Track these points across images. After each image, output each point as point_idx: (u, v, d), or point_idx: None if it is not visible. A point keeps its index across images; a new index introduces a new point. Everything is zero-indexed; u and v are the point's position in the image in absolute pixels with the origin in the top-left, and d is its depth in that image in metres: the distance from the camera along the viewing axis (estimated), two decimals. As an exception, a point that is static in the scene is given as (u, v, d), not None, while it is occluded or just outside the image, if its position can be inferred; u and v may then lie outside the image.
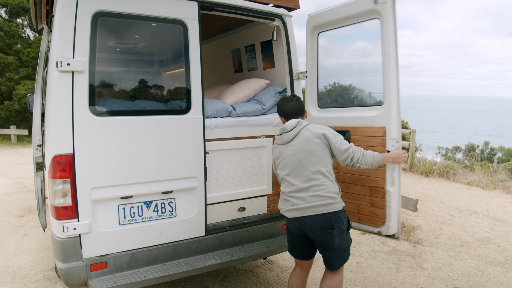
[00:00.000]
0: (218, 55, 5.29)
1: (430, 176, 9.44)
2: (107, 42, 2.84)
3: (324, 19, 3.35)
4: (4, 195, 7.15)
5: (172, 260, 3.12)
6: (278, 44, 3.81)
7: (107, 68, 2.97)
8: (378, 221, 3.13)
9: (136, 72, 3.37)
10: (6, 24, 15.05)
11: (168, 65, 3.42)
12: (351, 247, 4.53)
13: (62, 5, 2.58)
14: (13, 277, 3.93)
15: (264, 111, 3.67)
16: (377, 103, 3.31)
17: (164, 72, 3.42)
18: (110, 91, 3.03)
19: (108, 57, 2.95)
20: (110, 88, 3.03)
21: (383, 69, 3.00)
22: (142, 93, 3.28)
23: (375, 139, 3.10)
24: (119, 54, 3.10)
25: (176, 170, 3.05)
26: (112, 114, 2.79)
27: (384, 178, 3.04)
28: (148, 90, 3.30)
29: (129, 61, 3.25)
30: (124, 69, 3.25)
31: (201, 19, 4.16)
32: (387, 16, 2.88)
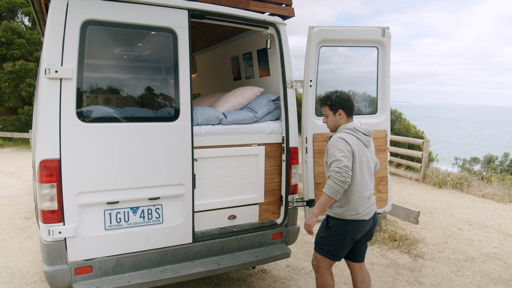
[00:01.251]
0: (218, 63, 5.32)
1: (443, 187, 9.17)
2: (95, 50, 2.90)
3: (331, 36, 3.58)
4: (15, 197, 7.36)
5: (158, 267, 3.13)
6: (272, 52, 3.81)
7: (95, 76, 3.03)
8: (383, 203, 3.88)
9: (125, 80, 3.42)
10: (28, 31, 15.65)
11: (158, 73, 3.47)
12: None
13: (52, 14, 2.66)
14: (11, 278, 4.02)
15: (256, 119, 3.66)
16: (371, 112, 3.96)
17: (154, 80, 3.46)
18: (98, 98, 3.08)
19: (97, 65, 3.00)
20: (98, 95, 3.09)
21: (380, 86, 3.86)
22: (130, 100, 3.32)
23: (379, 140, 3.82)
24: (108, 62, 3.16)
25: (164, 176, 3.07)
26: (99, 120, 2.84)
27: (386, 169, 3.86)
28: (137, 97, 3.35)
29: (118, 68, 3.30)
30: (113, 76, 3.31)
31: (198, 27, 4.23)
32: (387, 46, 3.76)
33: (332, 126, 3.01)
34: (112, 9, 2.81)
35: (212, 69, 5.65)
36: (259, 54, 4.17)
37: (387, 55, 3.77)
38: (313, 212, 2.82)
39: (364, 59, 3.97)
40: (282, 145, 3.67)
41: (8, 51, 15.05)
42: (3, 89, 15.10)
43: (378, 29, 3.73)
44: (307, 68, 3.57)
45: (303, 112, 3.63)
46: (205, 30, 4.37)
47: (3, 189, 7.99)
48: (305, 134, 3.64)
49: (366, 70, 3.97)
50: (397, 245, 5.01)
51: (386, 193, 3.89)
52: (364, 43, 3.74)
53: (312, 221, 2.83)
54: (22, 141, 15.46)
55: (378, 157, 3.79)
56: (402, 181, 9.83)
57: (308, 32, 3.56)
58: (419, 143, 10.34)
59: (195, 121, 3.36)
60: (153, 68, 3.53)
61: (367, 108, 3.99)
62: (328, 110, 2.97)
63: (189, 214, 3.20)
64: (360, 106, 4.03)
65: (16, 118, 15.97)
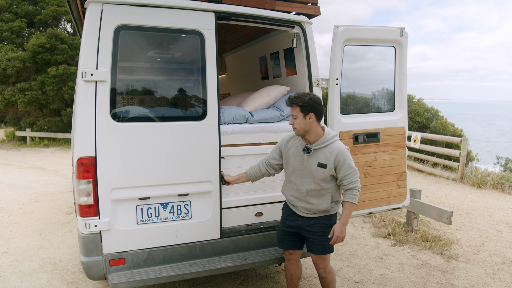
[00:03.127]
0: (247, 63, 5.41)
1: (482, 187, 8.77)
2: (128, 53, 3.06)
3: (354, 35, 3.63)
4: (58, 194, 7.82)
5: (186, 260, 3.25)
6: (298, 51, 3.83)
7: (128, 77, 3.19)
8: (402, 197, 3.99)
9: (155, 81, 3.57)
10: (70, 37, 16.51)
11: (186, 74, 3.59)
12: (378, 259, 4.41)
13: (88, 20, 2.83)
14: (53, 268, 4.30)
15: (282, 117, 3.69)
16: (389, 109, 3.99)
17: (183, 81, 3.58)
18: (131, 98, 3.24)
19: (129, 67, 3.16)
20: (131, 95, 3.24)
21: (398, 84, 3.96)
22: (161, 100, 3.46)
23: (398, 137, 3.92)
24: (140, 64, 3.31)
25: (192, 174, 3.18)
26: (131, 120, 2.99)
27: (405, 165, 3.96)
28: (167, 97, 3.48)
29: (149, 70, 3.45)
30: (144, 78, 3.46)
31: (226, 28, 4.33)
32: (404, 46, 3.86)
33: (301, 129, 2.85)
34: (142, 14, 2.95)
35: (241, 69, 5.74)
36: (286, 53, 4.21)
37: (404, 54, 3.89)
38: (344, 222, 2.86)
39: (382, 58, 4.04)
40: (309, 143, 3.68)
41: (52, 56, 15.96)
42: (47, 92, 16.03)
43: (396, 29, 3.81)
44: (333, 66, 3.57)
45: (329, 110, 3.63)
46: (233, 31, 4.46)
47: (47, 186, 8.51)
48: (331, 132, 3.64)
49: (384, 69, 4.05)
50: (429, 246, 4.88)
51: (405, 188, 3.99)
52: (383, 43, 3.84)
53: (344, 232, 2.87)
54: (65, 141, 16.33)
55: (397, 154, 3.92)
56: (439, 181, 9.50)
57: (334, 31, 3.57)
58: (456, 141, 9.93)
59: (222, 120, 3.45)
60: (182, 69, 3.65)
61: (386, 106, 4.04)
62: (298, 111, 2.81)
63: (217, 210, 3.29)
64: (380, 104, 4.06)
65: (60, 119, 16.90)
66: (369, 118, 3.86)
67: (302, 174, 2.92)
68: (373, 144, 3.83)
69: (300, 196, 2.96)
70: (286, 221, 3.13)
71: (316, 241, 2.98)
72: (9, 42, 17.44)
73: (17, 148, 15.95)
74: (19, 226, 5.81)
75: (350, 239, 5.19)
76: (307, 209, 2.96)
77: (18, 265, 4.38)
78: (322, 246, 2.99)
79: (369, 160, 3.84)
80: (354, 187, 2.85)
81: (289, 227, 3.10)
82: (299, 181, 2.95)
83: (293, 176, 2.98)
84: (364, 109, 4.02)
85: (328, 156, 2.82)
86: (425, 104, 15.86)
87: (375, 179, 3.88)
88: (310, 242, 3.02)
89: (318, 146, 2.86)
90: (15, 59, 15.74)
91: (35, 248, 4.91)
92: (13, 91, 15.85)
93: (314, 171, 2.86)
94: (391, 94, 4.02)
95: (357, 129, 3.74)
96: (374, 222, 5.80)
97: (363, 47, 3.86)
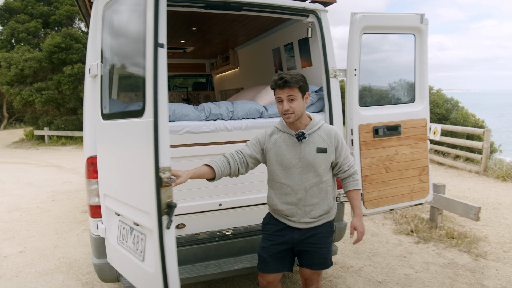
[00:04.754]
0: (260, 56, 5.25)
1: (507, 180, 8.41)
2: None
3: (372, 23, 3.42)
4: (75, 192, 7.85)
5: (201, 262, 3.14)
6: (314, 41, 3.66)
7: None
8: (425, 193, 3.78)
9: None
10: (84, 36, 16.63)
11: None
12: (402, 257, 4.22)
13: (93, 17, 2.74)
14: (68, 268, 4.27)
15: (298, 111, 3.52)
16: (410, 100, 3.79)
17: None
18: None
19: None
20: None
21: (418, 74, 3.74)
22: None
23: (419, 129, 3.71)
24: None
25: (135, 195, 2.32)
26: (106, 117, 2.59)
27: (427, 158, 3.76)
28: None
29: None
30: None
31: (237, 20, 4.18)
32: (425, 33, 3.65)
33: (299, 113, 2.40)
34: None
35: (254, 62, 5.59)
36: (301, 44, 4.03)
37: (425, 42, 3.68)
38: (361, 214, 2.54)
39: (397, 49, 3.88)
40: (326, 137, 3.51)
41: (67, 55, 16.11)
42: (64, 91, 16.21)
43: (416, 16, 3.59)
44: (350, 56, 3.40)
45: (347, 102, 3.46)
46: (245, 22, 4.30)
47: (64, 185, 8.57)
48: (350, 126, 3.47)
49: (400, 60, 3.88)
50: (455, 243, 4.65)
51: (427, 183, 3.76)
52: (403, 30, 3.64)
53: (364, 226, 2.55)
54: (81, 139, 16.52)
55: (419, 147, 3.71)
56: (461, 173, 9.16)
57: (351, 19, 3.39)
58: (479, 132, 9.55)
59: (235, 115, 3.31)
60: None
61: (406, 97, 3.85)
62: (297, 92, 2.37)
63: (158, 262, 2.05)
64: (400, 95, 3.88)
65: (76, 118, 17.11)
66: (389, 110, 3.68)
67: (299, 170, 2.44)
68: (394, 137, 3.64)
69: (298, 201, 2.47)
70: (275, 238, 2.57)
71: (317, 254, 2.53)
72: (25, 43, 17.68)
73: (35, 147, 16.23)
74: (36, 224, 5.83)
75: (370, 236, 5.00)
76: (308, 215, 2.49)
77: (35, 265, 4.37)
78: (324, 260, 2.55)
79: (390, 154, 3.65)
80: (354, 171, 2.55)
81: (280, 244, 2.55)
82: (296, 180, 2.46)
83: (285, 177, 2.47)
84: (383, 101, 3.84)
85: (325, 138, 2.46)
86: (444, 95, 15.38)
87: (396, 174, 3.68)
88: (308, 256, 2.55)
89: (311, 130, 2.46)
90: (31, 59, 15.95)
91: (51, 247, 4.90)
92: (31, 91, 16.09)
93: (315, 160, 2.43)
94: (411, 84, 3.83)
95: (377, 121, 3.56)
96: (396, 219, 5.58)
97: (381, 36, 3.67)
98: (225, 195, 3.28)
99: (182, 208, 3.14)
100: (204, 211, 3.25)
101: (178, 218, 3.15)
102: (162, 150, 1.96)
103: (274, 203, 2.56)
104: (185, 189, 3.04)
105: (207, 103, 3.32)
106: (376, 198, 3.62)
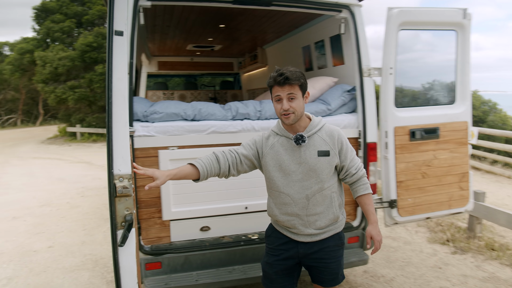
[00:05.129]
0: (289, 54, 5.11)
1: (552, 188, 7.87)
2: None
3: (410, 18, 3.22)
4: (103, 188, 7.97)
5: (226, 266, 3.04)
6: (347, 37, 3.48)
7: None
8: (465, 201, 3.58)
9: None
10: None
11: None
12: (437, 268, 3.98)
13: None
14: (94, 266, 4.29)
15: (329, 112, 3.36)
16: (449, 101, 3.56)
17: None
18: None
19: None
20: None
21: (460, 73, 3.51)
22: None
23: (460, 132, 3.50)
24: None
25: None
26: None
27: (468, 164, 3.54)
28: None
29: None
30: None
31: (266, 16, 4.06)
32: (467, 30, 3.42)
33: (299, 113, 2.18)
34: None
35: (283, 60, 5.45)
36: (332, 41, 3.85)
37: (467, 38, 3.46)
38: (377, 221, 2.31)
39: (436, 45, 3.65)
40: (359, 140, 3.33)
41: (99, 54, 16.53)
42: (95, 90, 16.64)
43: (458, 10, 3.36)
44: (386, 54, 3.20)
45: (382, 103, 3.26)
46: (274, 19, 4.17)
47: (94, 181, 8.73)
48: (384, 128, 3.27)
49: (435, 60, 3.67)
50: (496, 255, 4.33)
51: (467, 190, 3.54)
52: (443, 26, 3.40)
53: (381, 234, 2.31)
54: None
55: (459, 152, 3.48)
56: (499, 180, 8.65)
57: (387, 14, 3.19)
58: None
59: (263, 115, 3.19)
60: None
61: (445, 98, 3.59)
62: (298, 90, 2.16)
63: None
64: (438, 95, 3.63)
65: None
66: (426, 111, 3.45)
67: (299, 177, 2.21)
68: (432, 140, 3.41)
69: (300, 211, 2.23)
70: (279, 252, 2.34)
71: (327, 270, 2.30)
72: (60, 42, 18.28)
73: (68, 143, 16.73)
74: (65, 220, 5.94)
75: (403, 244, 4.75)
76: (312, 226, 2.25)
77: (62, 261, 4.42)
78: (334, 276, 2.32)
79: (428, 159, 3.43)
80: (363, 174, 2.30)
81: (285, 260, 2.32)
82: (295, 189, 2.22)
83: (283, 185, 2.24)
84: (419, 102, 3.60)
85: (327, 140, 2.22)
86: (481, 97, 14.65)
87: (434, 180, 3.46)
88: (318, 273, 2.33)
89: (311, 132, 2.23)
90: (65, 58, 16.47)
91: (78, 243, 4.95)
92: (64, 89, 16.62)
93: (316, 164, 2.19)
94: (450, 84, 3.58)
95: (413, 124, 3.35)
96: (430, 226, 5.29)
97: (414, 34, 3.45)
98: (252, 198, 3.17)
99: (206, 210, 3.07)
100: (230, 213, 3.15)
101: (202, 221, 3.08)
102: (117, 154, 1.77)
103: (274, 213, 2.33)
104: (209, 191, 2.99)
105: (234, 102, 3.21)
106: (411, 205, 3.41)
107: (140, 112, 2.91)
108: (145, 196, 2.82)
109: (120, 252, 1.80)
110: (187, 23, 4.51)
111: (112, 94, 1.71)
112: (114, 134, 1.74)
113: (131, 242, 1.79)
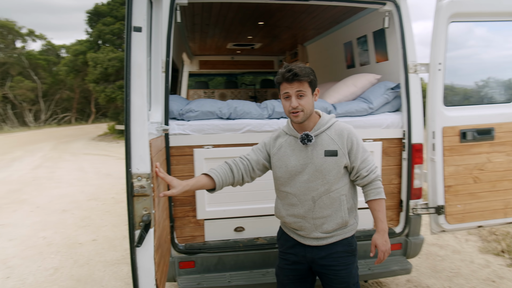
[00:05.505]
0: (330, 51, 4.94)
1: None
2: None
3: (463, 9, 2.95)
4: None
5: (259, 269, 2.97)
6: (391, 32, 3.27)
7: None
8: None
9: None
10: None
11: None
12: (490, 282, 3.68)
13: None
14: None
15: (371, 110, 3.18)
16: (507, 100, 3.24)
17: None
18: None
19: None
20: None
21: None
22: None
23: None
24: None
25: None
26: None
27: None
28: None
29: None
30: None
31: (306, 11, 3.93)
32: None
33: (308, 112, 2.07)
34: None
35: (324, 58, 5.28)
36: (375, 37, 3.65)
37: None
38: (385, 230, 2.15)
39: (498, 38, 3.27)
40: (403, 140, 3.13)
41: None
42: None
43: None
44: (435, 48, 2.96)
45: (429, 101, 3.02)
46: (314, 14, 4.03)
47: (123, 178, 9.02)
48: (432, 128, 3.03)
49: (489, 56, 3.31)
50: (560, 270, 3.90)
51: None
52: (504, 17, 3.07)
53: (389, 243, 2.17)
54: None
55: None
56: None
57: (436, 5, 2.95)
58: None
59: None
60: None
61: (502, 96, 3.27)
62: (307, 87, 2.05)
63: None
64: (493, 93, 3.32)
65: (152, 114, 18.14)
66: (479, 110, 3.16)
67: (305, 177, 2.12)
68: (486, 142, 3.12)
69: (306, 213, 2.14)
70: (288, 256, 2.27)
71: (337, 279, 2.17)
72: (110, 44, 19.20)
73: (116, 140, 17.54)
74: (109, 214, 6.18)
75: (451, 253, 4.42)
76: (319, 229, 2.14)
77: (104, 254, 4.58)
78: (345, 285, 2.18)
79: (480, 162, 3.14)
80: (376, 177, 2.15)
81: (295, 264, 2.24)
82: (301, 189, 2.13)
83: (290, 185, 2.16)
84: (471, 101, 3.31)
85: (336, 139, 2.11)
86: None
87: (487, 185, 3.16)
88: (327, 281, 2.20)
89: (319, 131, 2.12)
90: (114, 59, 17.28)
91: (120, 238, 5.12)
92: (113, 89, 17.44)
93: (323, 165, 2.09)
94: (508, 82, 3.26)
95: (464, 124, 3.08)
96: (483, 235, 4.89)
97: (465, 29, 3.14)
98: None
99: (241, 211, 3.02)
100: (265, 215, 3.07)
101: (236, 221, 3.03)
102: (135, 153, 1.72)
103: (281, 214, 2.26)
104: (244, 191, 2.93)
105: (270, 100, 3.13)
106: (461, 212, 3.15)
107: (176, 110, 2.92)
108: (180, 194, 2.82)
109: (138, 253, 1.77)
110: (226, 21, 4.50)
111: (131, 91, 1.68)
112: (132, 133, 1.71)
113: (148, 243, 1.78)
